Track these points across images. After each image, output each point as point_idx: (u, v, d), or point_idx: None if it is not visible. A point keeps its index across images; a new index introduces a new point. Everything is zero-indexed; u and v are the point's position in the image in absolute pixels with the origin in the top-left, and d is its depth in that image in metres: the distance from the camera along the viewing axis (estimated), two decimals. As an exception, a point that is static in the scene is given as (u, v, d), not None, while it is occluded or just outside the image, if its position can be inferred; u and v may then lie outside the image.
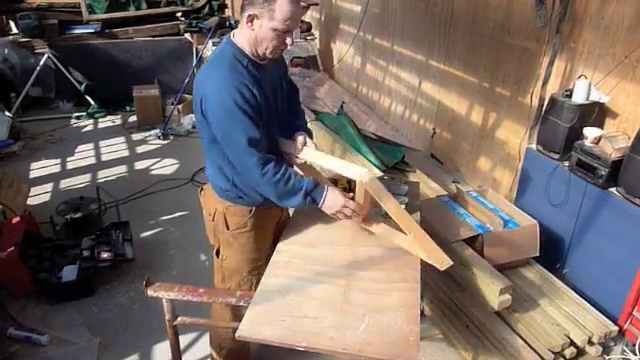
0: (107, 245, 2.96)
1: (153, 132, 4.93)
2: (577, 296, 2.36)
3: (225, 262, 1.95)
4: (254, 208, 1.83)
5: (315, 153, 1.82)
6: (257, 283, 1.88)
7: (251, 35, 1.61)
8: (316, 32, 6.36)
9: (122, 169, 4.26)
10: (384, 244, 1.80)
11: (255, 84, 1.63)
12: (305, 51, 5.89)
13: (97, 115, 5.37)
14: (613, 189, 2.41)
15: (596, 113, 2.60)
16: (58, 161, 4.38)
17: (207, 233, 1.99)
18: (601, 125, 2.64)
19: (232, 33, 1.70)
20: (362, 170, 1.64)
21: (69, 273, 2.72)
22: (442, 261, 1.69)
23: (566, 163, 2.63)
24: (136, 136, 4.93)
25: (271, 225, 1.95)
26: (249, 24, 1.59)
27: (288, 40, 1.62)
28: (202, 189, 1.97)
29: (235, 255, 1.91)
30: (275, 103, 1.77)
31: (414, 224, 1.70)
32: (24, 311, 2.65)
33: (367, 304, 1.53)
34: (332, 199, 1.72)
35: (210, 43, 5.14)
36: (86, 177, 4.11)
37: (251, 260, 1.91)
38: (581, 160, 2.50)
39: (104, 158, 4.50)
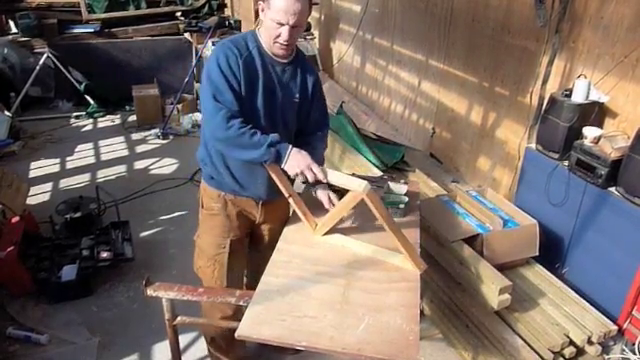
0: (107, 245, 2.96)
1: (153, 132, 4.93)
2: (577, 296, 2.36)
3: (198, 239, 2.02)
4: (222, 194, 1.89)
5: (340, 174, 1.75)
6: (219, 270, 1.97)
7: (262, 24, 1.72)
8: (316, 32, 6.36)
9: (121, 169, 4.26)
10: (384, 244, 1.80)
11: (249, 64, 1.70)
12: (305, 51, 5.84)
13: (96, 115, 5.37)
14: (612, 189, 2.41)
15: (595, 113, 2.60)
16: (57, 161, 4.38)
17: None
18: (600, 125, 2.64)
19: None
20: (362, 182, 1.61)
21: (69, 273, 2.71)
22: (420, 265, 1.71)
23: (566, 163, 2.63)
24: (135, 136, 4.93)
25: (242, 219, 1.96)
26: (261, 13, 1.69)
27: (283, 34, 1.65)
28: None
29: (204, 235, 1.99)
30: (269, 103, 1.76)
31: (402, 235, 1.69)
32: (24, 311, 2.65)
33: (367, 304, 1.53)
34: (298, 157, 1.67)
35: (209, 42, 5.14)
36: (85, 177, 4.10)
37: (216, 245, 1.96)
38: (580, 160, 2.51)
39: (103, 158, 4.50)
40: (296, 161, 1.67)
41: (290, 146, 1.69)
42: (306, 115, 1.92)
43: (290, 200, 1.82)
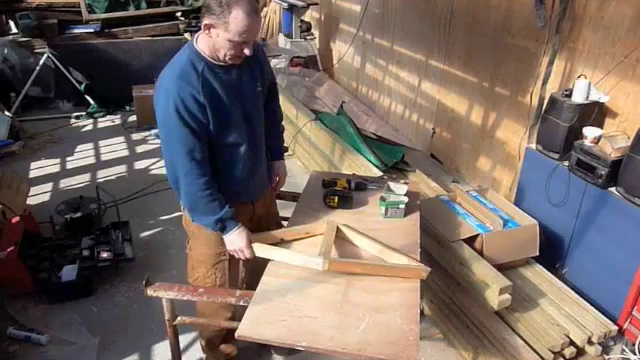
0: (107, 245, 2.96)
1: (153, 132, 4.92)
2: (577, 296, 2.36)
3: (192, 252, 1.98)
4: None
5: (269, 249, 1.78)
6: (221, 278, 1.95)
7: (209, 42, 1.63)
8: (316, 32, 6.36)
9: (122, 169, 4.26)
10: (384, 244, 1.80)
11: (208, 89, 1.64)
12: (305, 51, 5.89)
13: (97, 115, 5.37)
14: (613, 189, 2.41)
15: (596, 113, 2.60)
16: (58, 161, 4.38)
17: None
18: (601, 125, 2.64)
19: (195, 37, 1.70)
20: (318, 260, 1.65)
21: (69, 273, 2.71)
22: (419, 274, 1.68)
23: (566, 163, 2.63)
24: (136, 136, 4.93)
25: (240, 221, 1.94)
26: (207, 31, 1.60)
27: (246, 51, 1.62)
28: None
29: (200, 247, 1.95)
30: (240, 104, 1.75)
31: (388, 268, 1.70)
32: (24, 311, 2.65)
33: (367, 304, 1.53)
34: (236, 238, 1.76)
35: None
36: (86, 177, 4.10)
37: (215, 254, 1.93)
38: (581, 160, 2.50)
39: (104, 158, 4.50)
40: (234, 241, 1.77)
41: (237, 226, 1.76)
42: (267, 92, 1.93)
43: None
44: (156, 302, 1.85)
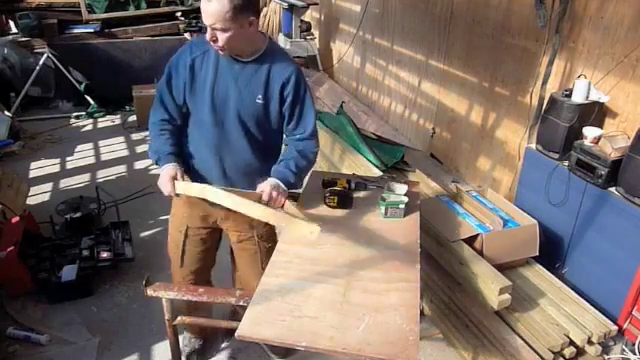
0: (106, 245, 2.96)
1: (153, 132, 4.92)
2: (577, 296, 2.36)
3: (169, 226, 2.15)
4: None
5: (190, 185, 1.78)
6: (180, 259, 2.07)
7: None
8: (316, 32, 6.36)
9: (121, 169, 4.26)
10: (384, 244, 1.80)
11: (198, 63, 1.77)
12: (305, 51, 5.89)
13: (96, 115, 5.36)
14: (612, 189, 2.41)
15: (595, 113, 2.60)
16: (57, 161, 4.37)
17: None
18: (600, 125, 2.64)
19: None
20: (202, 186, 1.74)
21: (68, 273, 2.71)
22: (310, 231, 1.67)
23: (566, 163, 2.63)
24: (135, 136, 4.92)
25: (200, 210, 1.96)
26: None
27: (207, 33, 1.64)
28: None
29: (171, 224, 2.13)
30: (219, 102, 1.76)
31: (267, 210, 1.68)
32: (23, 311, 2.65)
33: (367, 304, 1.53)
34: (162, 173, 1.79)
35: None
36: (85, 177, 4.10)
37: (177, 232, 2.08)
38: (581, 160, 2.51)
39: (103, 158, 4.49)
40: (162, 174, 1.78)
41: (167, 165, 1.78)
42: (277, 119, 1.82)
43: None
44: (156, 302, 1.85)
